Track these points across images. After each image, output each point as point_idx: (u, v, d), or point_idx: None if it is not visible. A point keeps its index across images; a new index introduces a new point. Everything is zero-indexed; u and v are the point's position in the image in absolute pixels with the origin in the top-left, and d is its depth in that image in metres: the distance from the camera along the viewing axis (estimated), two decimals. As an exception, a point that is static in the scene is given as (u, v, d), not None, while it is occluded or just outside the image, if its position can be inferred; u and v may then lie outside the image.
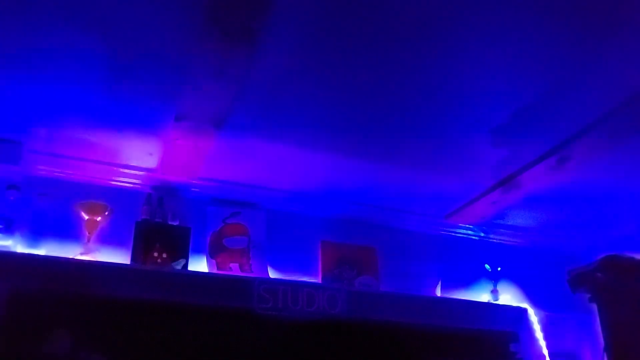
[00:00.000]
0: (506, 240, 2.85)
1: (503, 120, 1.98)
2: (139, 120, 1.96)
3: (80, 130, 2.02)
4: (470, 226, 2.78)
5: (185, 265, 2.15)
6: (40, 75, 1.73)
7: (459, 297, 2.55)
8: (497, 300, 2.60)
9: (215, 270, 2.24)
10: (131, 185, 2.29)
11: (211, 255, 2.29)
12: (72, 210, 2.09)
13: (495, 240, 2.83)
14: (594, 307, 2.01)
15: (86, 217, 2.09)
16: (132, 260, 2.09)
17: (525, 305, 2.54)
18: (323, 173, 2.36)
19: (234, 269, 2.28)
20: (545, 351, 2.39)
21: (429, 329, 2.15)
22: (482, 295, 2.64)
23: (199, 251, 2.26)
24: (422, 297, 2.38)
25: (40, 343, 1.63)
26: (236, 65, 1.62)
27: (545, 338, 2.43)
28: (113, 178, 2.26)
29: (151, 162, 2.22)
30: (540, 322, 2.48)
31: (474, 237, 2.82)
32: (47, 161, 2.15)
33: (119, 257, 2.09)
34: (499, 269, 2.66)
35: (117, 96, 1.83)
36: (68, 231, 2.08)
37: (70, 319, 1.68)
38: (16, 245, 1.93)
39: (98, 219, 2.10)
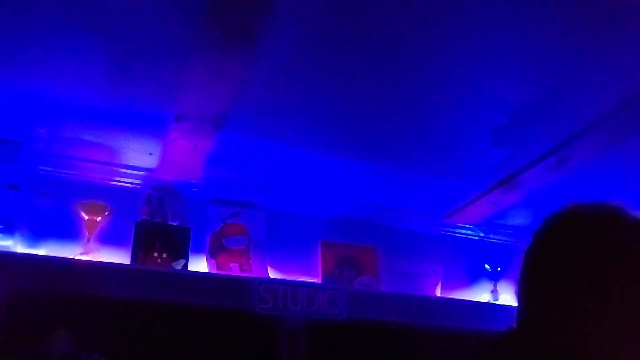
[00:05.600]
0: (506, 240, 2.85)
1: (503, 120, 1.98)
2: (139, 120, 1.96)
3: (80, 130, 2.02)
4: (470, 226, 2.78)
5: (185, 265, 2.15)
6: (40, 76, 1.73)
7: (459, 297, 2.55)
8: (497, 300, 2.59)
9: (215, 270, 2.24)
10: (131, 185, 2.29)
11: (211, 255, 2.29)
12: (72, 210, 2.09)
13: (495, 240, 2.83)
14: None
15: (86, 217, 2.09)
16: (132, 260, 2.08)
17: (525, 305, 2.53)
18: (323, 173, 2.36)
19: (234, 269, 2.28)
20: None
21: (429, 329, 2.15)
22: (482, 295, 2.64)
23: (199, 251, 2.25)
24: (422, 297, 2.38)
25: (40, 343, 1.63)
26: (236, 65, 1.62)
27: (545, 338, 2.43)
28: (113, 178, 2.26)
29: (151, 162, 2.22)
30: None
31: (474, 237, 2.81)
32: (47, 161, 2.14)
33: (119, 257, 2.09)
34: (499, 269, 2.66)
35: (117, 96, 1.83)
36: (68, 231, 2.08)
37: (70, 319, 1.68)
38: (16, 245, 1.93)
39: (98, 219, 2.10)
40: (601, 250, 0.76)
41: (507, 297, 2.63)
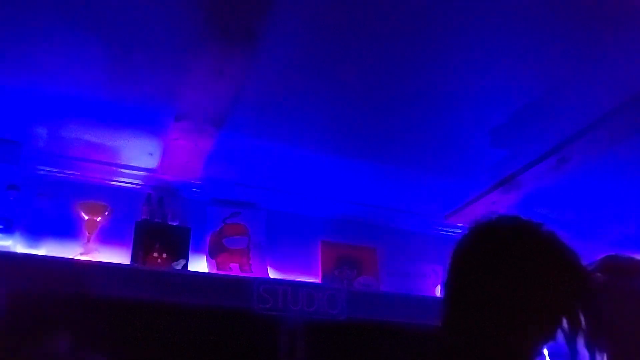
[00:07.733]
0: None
1: (503, 120, 1.98)
2: (139, 120, 1.96)
3: (80, 130, 2.02)
4: (471, 226, 2.77)
5: (185, 265, 2.15)
6: (40, 75, 1.73)
7: (459, 297, 2.55)
8: (497, 300, 2.59)
9: (215, 271, 2.24)
10: (131, 185, 2.29)
11: (211, 256, 2.29)
12: (72, 210, 2.09)
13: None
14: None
15: (86, 217, 2.09)
16: (132, 260, 2.08)
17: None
18: (323, 173, 2.36)
19: (234, 269, 2.28)
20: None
21: (428, 329, 2.15)
22: (482, 295, 2.64)
23: (199, 251, 2.26)
24: (422, 297, 2.37)
25: (40, 343, 1.63)
26: (236, 65, 1.62)
27: (545, 338, 2.43)
28: (113, 178, 2.26)
29: (151, 162, 2.22)
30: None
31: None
32: (47, 161, 2.14)
33: (119, 257, 2.09)
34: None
35: (117, 96, 1.83)
36: (68, 231, 2.08)
37: (70, 319, 1.68)
38: (16, 245, 1.93)
39: (98, 219, 2.10)
40: (514, 259, 0.87)
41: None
